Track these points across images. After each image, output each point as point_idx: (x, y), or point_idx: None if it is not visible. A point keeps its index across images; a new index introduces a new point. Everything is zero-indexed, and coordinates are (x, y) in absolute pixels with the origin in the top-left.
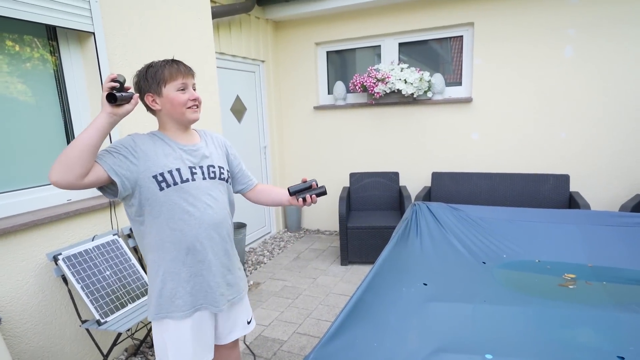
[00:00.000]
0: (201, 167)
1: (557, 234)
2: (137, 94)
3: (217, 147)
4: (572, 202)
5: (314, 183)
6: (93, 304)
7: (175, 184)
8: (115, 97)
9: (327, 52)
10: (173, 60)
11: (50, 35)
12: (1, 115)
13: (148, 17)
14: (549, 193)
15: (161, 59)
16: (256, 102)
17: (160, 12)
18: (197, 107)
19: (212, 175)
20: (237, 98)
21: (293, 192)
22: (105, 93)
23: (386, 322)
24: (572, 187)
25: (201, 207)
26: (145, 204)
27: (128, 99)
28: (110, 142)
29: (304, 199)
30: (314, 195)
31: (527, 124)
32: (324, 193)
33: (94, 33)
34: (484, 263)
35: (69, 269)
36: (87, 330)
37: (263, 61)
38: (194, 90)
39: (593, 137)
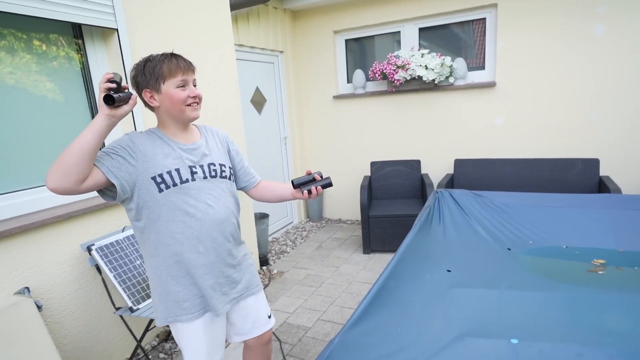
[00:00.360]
0: (202, 166)
1: (585, 219)
2: (136, 95)
3: (218, 143)
4: (602, 186)
5: (317, 175)
6: (125, 292)
7: (174, 185)
8: (113, 98)
9: (346, 40)
10: (172, 55)
11: (76, 33)
12: (33, 113)
13: (168, 12)
14: (577, 178)
15: (175, 51)
16: (276, 93)
17: (180, 6)
18: (198, 105)
19: (213, 173)
20: (257, 89)
21: (297, 185)
22: (102, 94)
23: (410, 307)
24: (603, 172)
25: (202, 207)
26: (143, 206)
27: (126, 100)
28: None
29: (309, 191)
30: (319, 187)
31: (554, 107)
32: (329, 184)
33: (117, 29)
34: (509, 249)
35: (102, 259)
36: (121, 316)
37: (282, 52)
38: (195, 86)
39: (625, 119)
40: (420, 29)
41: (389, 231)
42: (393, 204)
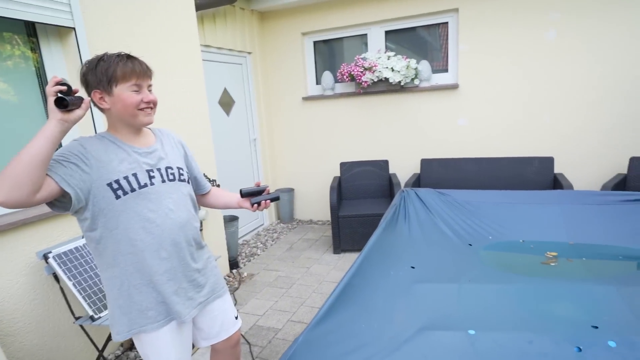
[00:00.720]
0: (159, 170)
1: (540, 215)
2: (89, 99)
3: (174, 146)
4: (557, 183)
5: (268, 188)
6: (86, 300)
7: (132, 190)
8: (67, 101)
9: (315, 42)
10: (128, 57)
11: (30, 31)
12: None
13: (131, 11)
14: (533, 175)
15: (135, 52)
16: (244, 94)
17: (143, 5)
18: (152, 110)
19: (171, 177)
20: (225, 91)
21: (245, 194)
22: (53, 98)
23: (374, 304)
24: (557, 169)
25: (163, 212)
26: (99, 215)
27: (78, 103)
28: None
29: (259, 204)
30: (268, 201)
31: (512, 108)
32: (277, 199)
33: (74, 28)
34: (470, 245)
35: (60, 267)
36: (81, 326)
37: (250, 53)
38: (150, 91)
39: (576, 119)
40: (387, 32)
41: (359, 231)
42: (362, 203)
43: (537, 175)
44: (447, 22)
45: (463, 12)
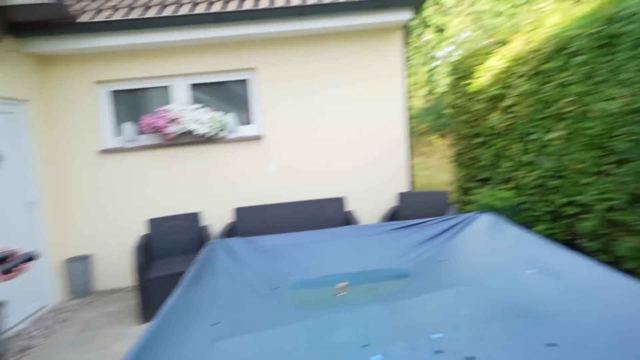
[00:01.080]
0: None
1: (334, 250)
2: None
3: None
4: (348, 220)
5: (16, 251)
6: None
7: None
8: None
9: (115, 92)
10: None
11: None
12: None
13: None
14: (331, 214)
15: None
16: (17, 148)
17: None
18: None
19: None
20: None
21: None
22: None
23: None
24: (350, 207)
25: None
26: None
27: None
28: None
29: (10, 271)
30: (23, 265)
31: (310, 156)
32: (31, 259)
33: None
34: (276, 289)
35: None
36: None
37: (26, 101)
38: None
39: (359, 164)
40: (196, 85)
41: (171, 292)
42: (176, 261)
43: (333, 214)
44: (248, 79)
45: (260, 71)
